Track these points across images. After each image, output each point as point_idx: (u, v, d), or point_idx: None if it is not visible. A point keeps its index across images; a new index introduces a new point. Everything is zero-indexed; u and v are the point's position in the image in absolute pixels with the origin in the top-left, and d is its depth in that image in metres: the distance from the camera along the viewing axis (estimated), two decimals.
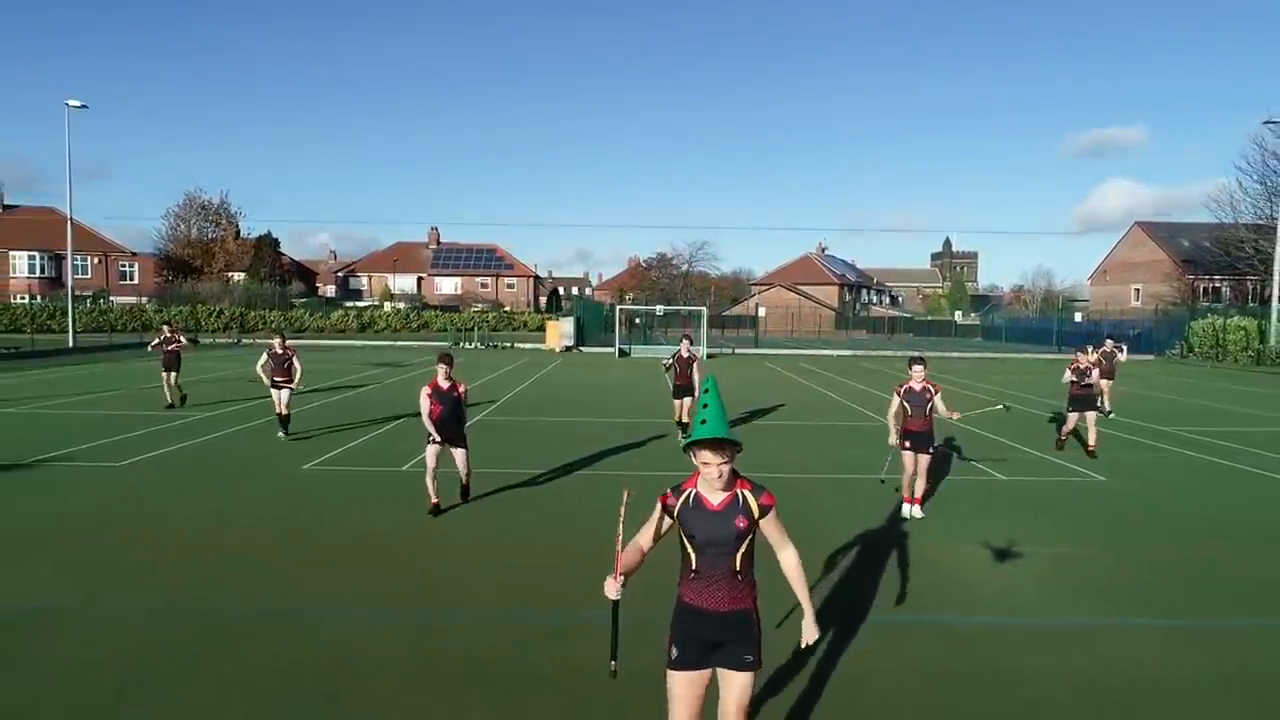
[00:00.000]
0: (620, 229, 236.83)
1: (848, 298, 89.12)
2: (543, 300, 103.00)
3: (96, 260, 66.47)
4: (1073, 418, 13.19)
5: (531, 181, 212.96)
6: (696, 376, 13.26)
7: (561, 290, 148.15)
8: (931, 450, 8.84)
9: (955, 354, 42.89)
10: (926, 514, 8.83)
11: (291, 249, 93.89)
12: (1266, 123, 34.24)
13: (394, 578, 6.68)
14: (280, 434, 13.30)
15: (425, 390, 8.90)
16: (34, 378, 23.40)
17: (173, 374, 16.73)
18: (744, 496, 3.47)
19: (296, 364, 13.55)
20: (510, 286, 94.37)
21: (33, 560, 7.05)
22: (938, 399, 8.84)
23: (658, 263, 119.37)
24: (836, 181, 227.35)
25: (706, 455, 3.36)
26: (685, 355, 13.62)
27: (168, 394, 16.68)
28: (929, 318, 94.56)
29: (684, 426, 13.45)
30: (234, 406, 17.18)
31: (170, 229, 76.56)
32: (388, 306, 66.70)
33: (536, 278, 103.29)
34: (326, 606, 6.06)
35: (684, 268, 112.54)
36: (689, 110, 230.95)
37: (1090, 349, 16.45)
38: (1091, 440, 12.78)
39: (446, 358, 9.06)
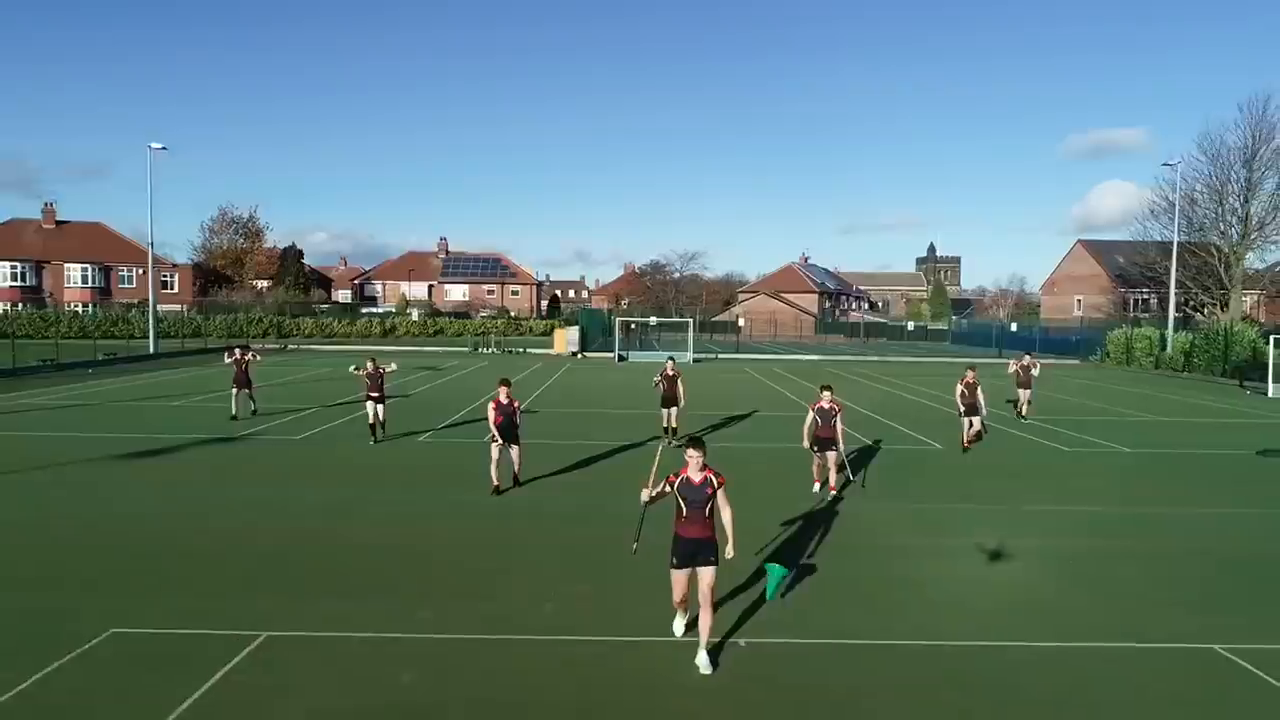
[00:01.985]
0: (617, 227, 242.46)
1: (827, 305, 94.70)
2: (544, 304, 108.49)
3: (141, 272, 71.59)
4: (964, 422, 16.75)
5: (530, 181, 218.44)
6: (680, 390, 16.38)
7: (559, 293, 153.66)
8: (835, 450, 12.13)
9: (906, 358, 48.53)
10: (828, 492, 12.32)
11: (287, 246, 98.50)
12: (1166, 164, 39.67)
13: (480, 503, 12.14)
14: (371, 441, 15.79)
15: (491, 404, 12.02)
16: (150, 380, 28.80)
17: (243, 390, 19.07)
18: (711, 478, 6.31)
19: (384, 377, 16.18)
20: (514, 293, 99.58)
21: (313, 483, 12.53)
22: (838, 418, 12.18)
23: (651, 269, 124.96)
24: (830, 182, 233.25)
25: (691, 452, 6.34)
26: (670, 373, 16.48)
27: (234, 406, 18.99)
28: (905, 323, 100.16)
29: (668, 431, 16.52)
30: (321, 408, 22.63)
31: (205, 241, 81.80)
32: (415, 315, 71.68)
33: (538, 284, 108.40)
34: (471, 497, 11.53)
35: (675, 275, 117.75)
36: (687, 110, 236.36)
37: (997, 363, 21.86)
38: (977, 428, 16.89)
39: (506, 381, 12.29)
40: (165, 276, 72.55)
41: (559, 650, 6.64)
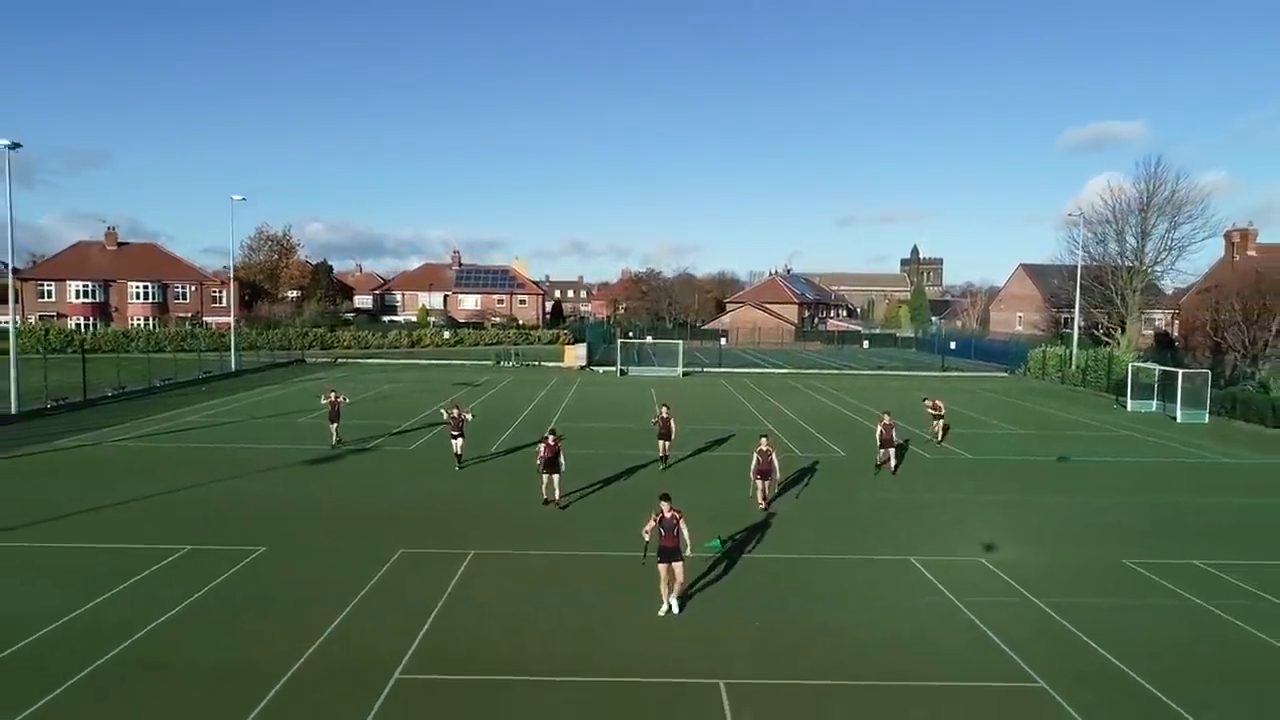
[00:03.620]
0: (614, 219, 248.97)
1: (806, 314, 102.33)
2: (548, 310, 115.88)
3: (194, 288, 78.92)
4: (881, 453, 21.99)
5: (526, 174, 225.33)
6: (673, 426, 21.82)
7: (559, 292, 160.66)
8: (771, 479, 17.52)
9: (863, 371, 56.22)
10: (770, 505, 18.17)
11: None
12: (1070, 215, 47.18)
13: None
14: (457, 468, 21.35)
15: (542, 445, 17.47)
16: (264, 397, 36.26)
17: (335, 423, 24.46)
18: (676, 515, 11.44)
19: (466, 424, 21.72)
20: (522, 302, 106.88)
21: (440, 476, 20.07)
22: (774, 456, 17.47)
23: (647, 275, 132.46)
24: (829, 175, 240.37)
25: (664, 504, 11.66)
26: (664, 416, 21.83)
27: (333, 437, 24.43)
28: (877, 331, 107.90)
29: (663, 458, 22.09)
30: (417, 428, 30.11)
31: (245, 257, 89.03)
32: (446, 334, 78.53)
33: (544, 294, 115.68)
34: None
35: (668, 279, 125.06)
36: (687, 107, 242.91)
37: (936, 376, 29.30)
38: (892, 464, 21.78)
39: (554, 433, 17.99)
40: (214, 291, 79.79)
41: (599, 564, 14.20)
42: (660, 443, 22.02)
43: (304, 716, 8.88)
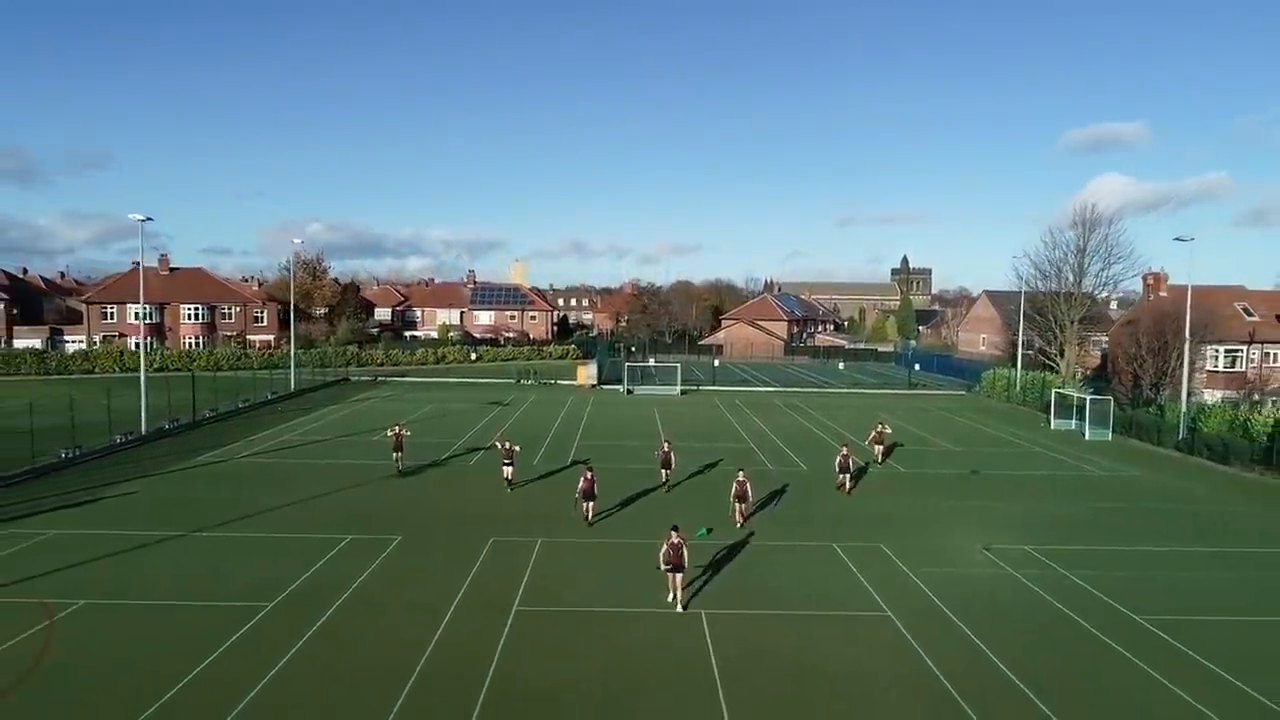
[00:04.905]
0: (615, 223, 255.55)
1: (795, 330, 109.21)
2: (555, 319, 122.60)
3: (239, 309, 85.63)
4: (843, 478, 27.40)
5: (527, 174, 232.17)
6: (673, 458, 26.90)
7: (563, 302, 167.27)
8: (746, 501, 22.94)
9: (840, 389, 63.03)
10: (747, 521, 26.90)
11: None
12: (1016, 257, 53.79)
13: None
14: (508, 490, 26.38)
15: (581, 479, 22.31)
16: (326, 420, 42.98)
17: (399, 453, 28.89)
18: (681, 540, 16.43)
19: (515, 455, 27.01)
20: (532, 318, 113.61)
21: (500, 489, 26.86)
22: (748, 484, 22.93)
23: (647, 289, 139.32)
24: (830, 176, 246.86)
25: (672, 534, 16.57)
26: (666, 450, 27.15)
27: (399, 464, 28.84)
28: (861, 345, 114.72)
29: (666, 483, 26.92)
30: (468, 449, 36.88)
31: (282, 279, 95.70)
32: (474, 356, 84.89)
33: (552, 310, 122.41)
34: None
35: (664, 289, 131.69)
36: (684, 110, 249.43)
37: (881, 424, 35.49)
38: (848, 486, 27.11)
39: (590, 466, 23.48)
40: (256, 312, 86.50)
41: (623, 549, 20.97)
42: (662, 471, 27.26)
43: (470, 632, 15.60)
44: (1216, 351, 52.37)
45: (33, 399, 36.27)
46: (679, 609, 16.69)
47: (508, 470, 26.76)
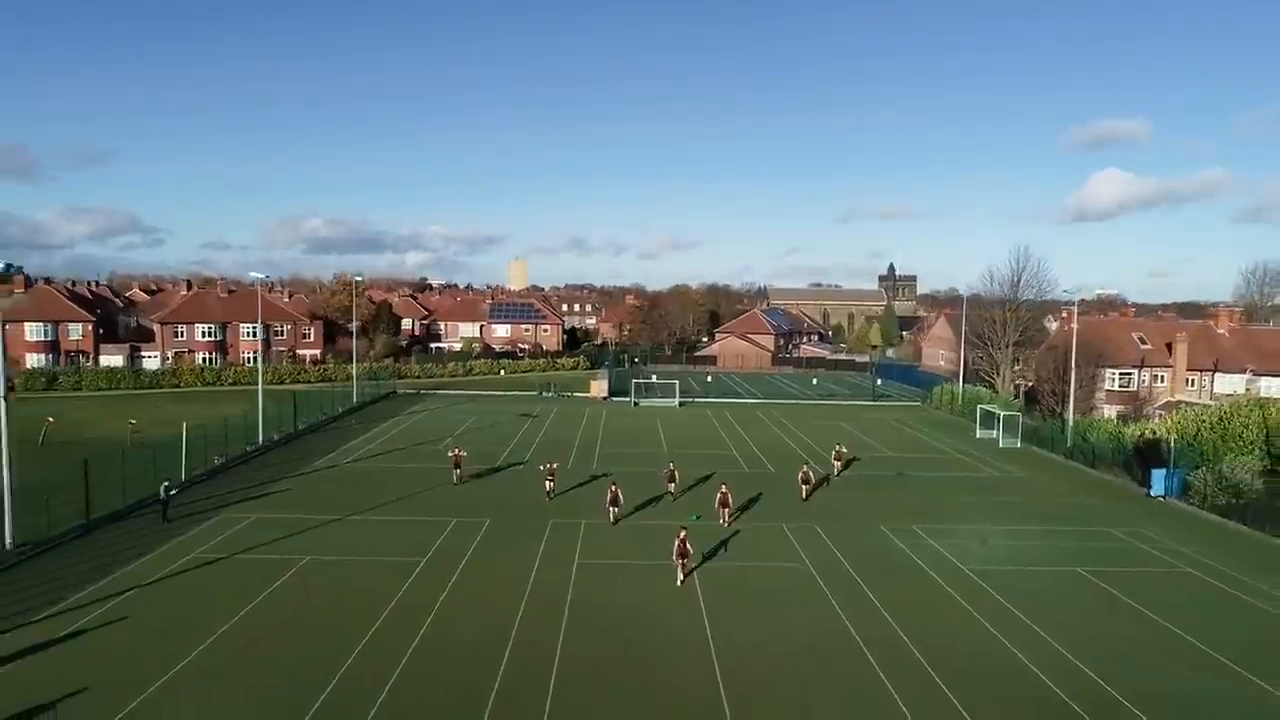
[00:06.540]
0: (613, 219, 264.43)
1: (781, 342, 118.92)
2: (565, 328, 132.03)
3: (290, 327, 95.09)
4: (804, 488, 36.10)
5: (529, 176, 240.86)
6: (676, 475, 34.46)
7: (566, 308, 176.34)
8: (729, 507, 30.91)
9: (817, 401, 72.51)
10: (731, 520, 37.37)
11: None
12: (967, 296, 63.56)
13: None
14: (549, 500, 33.57)
15: (608, 491, 30.71)
16: (394, 431, 52.41)
17: (458, 470, 37.00)
18: (687, 539, 24.69)
19: (555, 473, 37.74)
20: (545, 331, 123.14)
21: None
22: (730, 495, 32.36)
23: (648, 301, 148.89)
24: (829, 173, 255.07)
25: (682, 532, 24.87)
26: (670, 469, 34.94)
27: (457, 480, 36.12)
28: (841, 355, 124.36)
29: (671, 492, 34.42)
30: (513, 464, 46.40)
31: (326, 300, 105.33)
32: (501, 372, 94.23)
33: (563, 323, 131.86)
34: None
35: (665, 293, 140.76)
36: (683, 111, 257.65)
37: (839, 447, 45.19)
38: (805, 494, 36.21)
39: (616, 483, 32.14)
40: (305, 331, 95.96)
41: (643, 529, 30.49)
42: (669, 484, 35.20)
43: (551, 575, 25.06)
44: (1114, 374, 62.07)
45: (164, 416, 45.80)
46: (678, 583, 25.30)
47: (549, 484, 34.23)
